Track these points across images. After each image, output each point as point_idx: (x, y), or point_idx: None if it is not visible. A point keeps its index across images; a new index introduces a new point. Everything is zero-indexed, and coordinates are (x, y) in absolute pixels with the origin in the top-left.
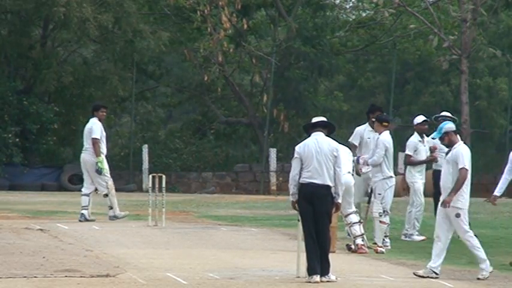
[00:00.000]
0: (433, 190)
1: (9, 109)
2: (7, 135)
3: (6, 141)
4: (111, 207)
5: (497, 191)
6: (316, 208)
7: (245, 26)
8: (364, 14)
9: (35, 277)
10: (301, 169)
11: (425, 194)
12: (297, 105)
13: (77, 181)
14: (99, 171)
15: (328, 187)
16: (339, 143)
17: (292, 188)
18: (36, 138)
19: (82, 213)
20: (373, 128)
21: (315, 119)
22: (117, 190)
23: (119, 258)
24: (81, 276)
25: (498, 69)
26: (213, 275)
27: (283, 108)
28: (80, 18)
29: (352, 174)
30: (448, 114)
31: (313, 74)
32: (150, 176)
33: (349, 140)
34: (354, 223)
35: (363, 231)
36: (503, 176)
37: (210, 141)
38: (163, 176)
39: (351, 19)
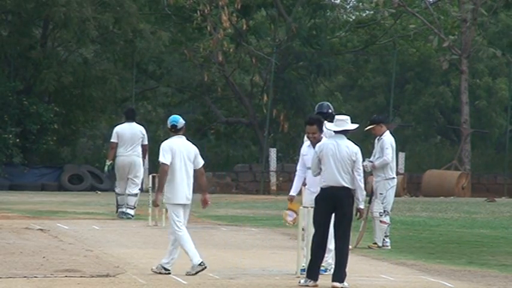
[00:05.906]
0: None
1: (9, 109)
2: (7, 136)
3: (6, 142)
4: (134, 207)
5: (293, 191)
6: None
7: (245, 26)
8: (364, 14)
9: (35, 277)
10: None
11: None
12: (295, 105)
13: (76, 181)
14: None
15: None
16: None
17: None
18: (36, 138)
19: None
20: None
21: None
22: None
23: (119, 258)
24: (81, 276)
25: (498, 69)
26: (213, 275)
27: (282, 108)
28: (80, 18)
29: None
30: None
31: (311, 74)
32: (150, 176)
33: None
34: None
35: None
36: (297, 173)
37: (210, 141)
38: None
39: (351, 19)
